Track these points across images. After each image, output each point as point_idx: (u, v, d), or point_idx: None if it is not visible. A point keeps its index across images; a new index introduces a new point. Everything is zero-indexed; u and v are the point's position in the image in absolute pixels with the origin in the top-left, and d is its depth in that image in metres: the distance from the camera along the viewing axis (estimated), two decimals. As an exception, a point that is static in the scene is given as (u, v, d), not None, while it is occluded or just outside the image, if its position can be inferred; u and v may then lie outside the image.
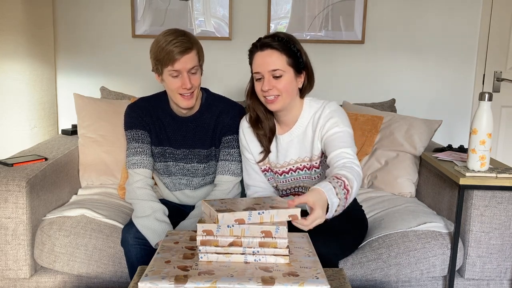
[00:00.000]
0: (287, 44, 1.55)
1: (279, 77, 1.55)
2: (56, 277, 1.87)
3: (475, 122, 1.75)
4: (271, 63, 1.54)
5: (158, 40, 1.63)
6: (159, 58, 1.62)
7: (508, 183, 1.75)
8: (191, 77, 1.66)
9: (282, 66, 1.55)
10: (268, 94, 1.56)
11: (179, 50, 1.60)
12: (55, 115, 2.80)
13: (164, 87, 1.75)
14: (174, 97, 1.70)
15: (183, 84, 1.65)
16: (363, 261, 1.79)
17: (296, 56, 1.57)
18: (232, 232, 1.20)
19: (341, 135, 1.56)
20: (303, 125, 1.66)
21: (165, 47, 1.60)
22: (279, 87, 1.55)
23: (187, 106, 1.71)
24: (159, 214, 1.70)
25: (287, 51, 1.55)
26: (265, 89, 1.55)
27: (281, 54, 1.54)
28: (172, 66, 1.62)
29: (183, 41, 1.61)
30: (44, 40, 2.63)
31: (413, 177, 2.29)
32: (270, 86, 1.55)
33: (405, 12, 2.80)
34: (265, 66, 1.55)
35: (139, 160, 1.77)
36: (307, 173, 1.70)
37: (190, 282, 1.10)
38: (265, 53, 1.55)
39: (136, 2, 2.75)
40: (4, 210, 1.79)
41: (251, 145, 1.74)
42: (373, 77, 2.87)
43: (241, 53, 2.82)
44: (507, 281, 1.90)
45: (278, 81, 1.55)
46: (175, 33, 1.63)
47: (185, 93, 1.67)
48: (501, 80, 2.86)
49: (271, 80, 1.55)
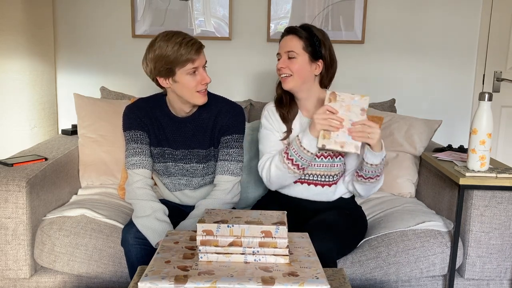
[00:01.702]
0: (310, 33, 1.72)
1: (292, 58, 1.72)
2: (56, 277, 1.87)
3: (475, 122, 1.75)
4: (288, 45, 1.73)
5: (161, 46, 1.62)
6: (173, 60, 1.61)
7: (508, 183, 1.75)
8: (205, 72, 1.70)
9: (297, 49, 1.71)
10: (281, 72, 1.75)
11: (196, 48, 1.64)
12: (55, 115, 2.80)
13: (168, 89, 1.73)
14: (191, 96, 1.70)
15: (203, 79, 1.68)
16: (362, 259, 1.80)
17: (314, 45, 1.72)
18: (232, 232, 1.20)
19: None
20: None
21: (179, 48, 1.60)
22: (292, 67, 1.72)
23: (204, 102, 1.73)
24: (159, 214, 1.70)
25: (307, 38, 1.72)
26: (279, 67, 1.75)
27: (299, 39, 1.72)
28: (193, 63, 1.64)
29: (192, 39, 1.65)
30: (44, 40, 2.63)
31: (413, 177, 2.29)
32: (284, 65, 1.73)
33: (405, 12, 2.80)
34: (283, 47, 1.75)
35: (138, 161, 1.77)
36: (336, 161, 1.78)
37: (190, 282, 1.10)
38: (288, 37, 1.75)
39: (136, 2, 2.75)
40: (4, 210, 1.79)
41: (275, 125, 1.83)
42: (373, 77, 2.87)
43: (241, 53, 2.83)
44: (507, 281, 1.90)
45: (291, 62, 1.72)
46: (177, 34, 1.64)
47: (203, 89, 1.70)
48: (501, 80, 2.86)
49: (286, 60, 1.73)
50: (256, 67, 2.82)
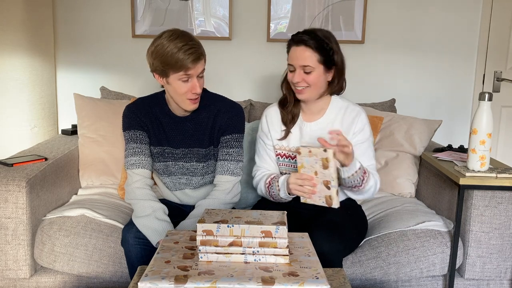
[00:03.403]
0: (321, 43, 1.67)
1: (309, 73, 1.69)
2: (56, 277, 1.87)
3: (475, 122, 1.75)
4: (303, 59, 1.68)
5: (163, 44, 1.61)
6: (169, 63, 1.60)
7: (508, 183, 1.75)
8: (199, 81, 1.68)
9: (312, 63, 1.68)
10: (297, 85, 1.72)
11: (193, 58, 1.61)
12: (55, 115, 2.80)
13: (164, 88, 1.75)
14: (181, 101, 1.70)
15: (193, 89, 1.66)
16: (362, 259, 1.80)
17: (328, 55, 1.69)
18: (232, 232, 1.20)
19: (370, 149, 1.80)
20: (330, 117, 1.80)
21: (177, 53, 1.59)
22: (308, 80, 1.70)
23: (194, 108, 1.74)
24: (159, 213, 1.70)
25: (320, 50, 1.68)
26: (295, 81, 1.71)
27: (313, 52, 1.67)
28: (185, 72, 1.62)
29: (194, 47, 1.61)
30: (44, 40, 2.63)
31: (413, 178, 2.29)
32: (300, 79, 1.70)
33: (405, 12, 2.80)
34: (297, 60, 1.69)
35: (137, 161, 1.77)
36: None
37: (190, 282, 1.10)
38: (300, 48, 1.68)
39: (136, 2, 2.75)
40: (4, 210, 1.79)
41: (272, 130, 1.85)
42: (373, 77, 2.87)
43: (241, 53, 2.83)
44: (507, 281, 1.90)
45: (307, 76, 1.70)
46: (182, 37, 1.61)
47: (193, 97, 1.69)
48: (501, 80, 2.86)
49: (301, 73, 1.70)
50: (256, 67, 2.82)
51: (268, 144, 1.87)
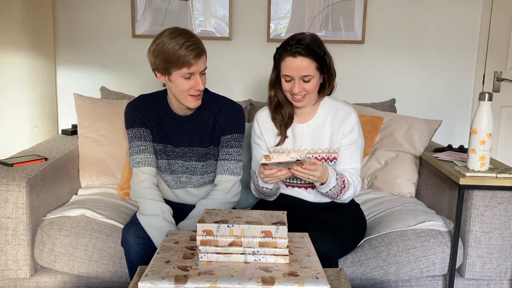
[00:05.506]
0: (314, 49, 1.66)
1: (308, 81, 1.69)
2: (56, 277, 1.87)
3: (475, 122, 1.75)
4: (303, 70, 1.67)
5: (164, 42, 1.61)
6: (171, 60, 1.61)
7: (508, 183, 1.75)
8: (201, 78, 1.68)
9: (312, 72, 1.68)
10: (298, 95, 1.71)
11: (195, 54, 1.61)
12: (55, 115, 2.80)
13: (166, 86, 1.75)
14: (183, 98, 1.70)
15: (196, 86, 1.67)
16: (362, 259, 1.80)
17: (322, 59, 1.70)
18: (232, 232, 1.20)
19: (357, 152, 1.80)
20: (321, 118, 1.81)
21: (178, 50, 1.59)
22: (307, 88, 1.70)
23: (196, 106, 1.74)
24: (167, 215, 1.71)
25: (316, 57, 1.67)
26: (296, 92, 1.69)
27: (311, 61, 1.67)
28: (188, 69, 1.63)
29: (195, 43, 1.62)
30: (44, 40, 2.63)
31: (413, 177, 2.28)
32: (300, 89, 1.69)
33: (405, 12, 2.80)
34: (298, 71, 1.67)
35: (143, 158, 1.77)
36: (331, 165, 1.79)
37: (190, 282, 1.10)
38: (298, 59, 1.66)
39: (136, 2, 2.75)
40: (4, 210, 1.79)
41: (265, 134, 1.85)
42: (373, 77, 2.87)
43: (241, 53, 2.83)
44: (507, 281, 1.90)
45: (306, 84, 1.70)
46: (183, 34, 1.62)
47: (196, 94, 1.69)
48: (501, 80, 2.86)
49: (301, 83, 1.69)
50: (256, 67, 2.82)
51: (262, 145, 1.86)
